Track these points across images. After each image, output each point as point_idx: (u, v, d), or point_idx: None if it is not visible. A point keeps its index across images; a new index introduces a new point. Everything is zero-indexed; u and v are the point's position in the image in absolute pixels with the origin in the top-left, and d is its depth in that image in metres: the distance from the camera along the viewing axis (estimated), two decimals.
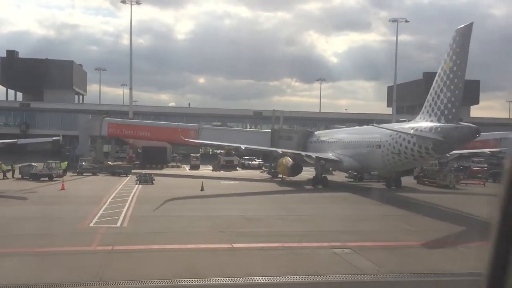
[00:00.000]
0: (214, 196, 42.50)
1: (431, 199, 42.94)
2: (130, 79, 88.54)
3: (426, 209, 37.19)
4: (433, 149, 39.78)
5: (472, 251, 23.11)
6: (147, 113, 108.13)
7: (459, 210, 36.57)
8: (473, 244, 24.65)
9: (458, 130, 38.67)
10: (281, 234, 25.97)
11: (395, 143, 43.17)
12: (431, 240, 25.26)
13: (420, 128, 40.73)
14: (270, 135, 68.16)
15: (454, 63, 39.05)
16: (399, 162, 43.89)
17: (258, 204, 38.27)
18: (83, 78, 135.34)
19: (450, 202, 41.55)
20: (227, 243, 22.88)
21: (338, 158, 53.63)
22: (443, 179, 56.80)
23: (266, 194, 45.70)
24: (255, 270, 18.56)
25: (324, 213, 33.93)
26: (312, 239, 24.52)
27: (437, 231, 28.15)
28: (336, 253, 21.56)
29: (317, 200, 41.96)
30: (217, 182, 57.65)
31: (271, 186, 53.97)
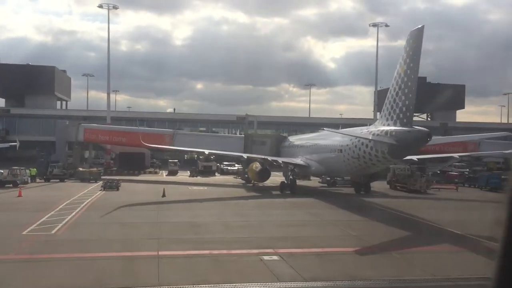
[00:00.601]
0: (172, 202, 41.94)
1: (392, 204, 42.49)
2: (108, 84, 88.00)
3: (381, 215, 36.78)
4: (389, 153, 39.40)
5: (406, 256, 22.71)
6: (130, 118, 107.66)
7: (415, 215, 36.14)
8: (408, 250, 24.32)
9: (410, 134, 38.33)
10: (218, 241, 25.45)
11: (354, 147, 42.78)
12: (367, 246, 24.76)
13: (377, 132, 40.36)
14: (244, 140, 67.61)
15: (408, 66, 38.81)
16: (359, 166, 43.49)
17: (212, 210, 37.72)
18: (67, 84, 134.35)
19: (410, 207, 41.18)
20: (154, 251, 22.30)
21: (306, 163, 53.18)
22: (413, 184, 56.52)
23: (227, 200, 45.14)
24: (168, 278, 18.04)
25: (275, 219, 33.40)
26: (246, 246, 24.00)
27: (380, 237, 27.67)
28: (263, 260, 21.07)
29: (276, 206, 41.45)
30: (186, 188, 57.16)
31: (239, 191, 53.41)
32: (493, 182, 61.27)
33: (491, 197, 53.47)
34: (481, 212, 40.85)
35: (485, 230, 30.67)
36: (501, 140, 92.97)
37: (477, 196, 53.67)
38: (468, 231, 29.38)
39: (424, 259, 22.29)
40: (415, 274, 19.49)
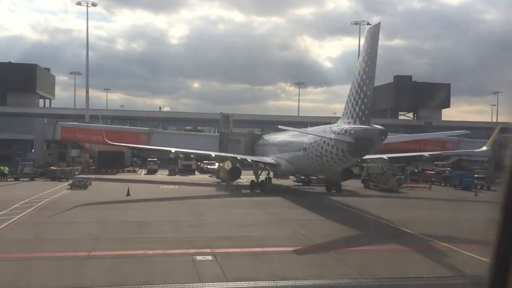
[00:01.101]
0: (133, 201, 41.46)
1: (357, 203, 42.28)
2: (86, 82, 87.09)
3: (341, 214, 36.53)
4: (348, 152, 39.13)
5: (342, 256, 22.38)
6: (114, 117, 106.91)
7: (374, 214, 35.90)
8: (347, 249, 24.05)
9: (367, 132, 38.08)
10: (159, 240, 25.07)
11: (317, 146, 42.48)
12: (309, 246, 24.42)
13: (337, 130, 40.07)
14: (219, 138, 67.17)
15: (366, 64, 38.57)
16: (322, 165, 43.18)
17: (170, 209, 37.37)
18: (50, 82, 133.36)
19: (373, 206, 41.01)
20: (86, 251, 21.85)
21: (276, 161, 52.83)
22: (385, 183, 56.34)
23: (191, 198, 44.71)
24: (86, 279, 17.64)
25: (229, 219, 33.01)
26: (185, 246, 23.59)
27: (327, 236, 27.42)
28: (194, 260, 20.70)
29: (238, 205, 41.10)
30: (157, 187, 56.72)
31: (208, 190, 53.05)
32: (466, 181, 61.34)
33: (460, 195, 53.52)
34: (440, 211, 40.91)
35: (437, 229, 30.62)
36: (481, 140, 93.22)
37: (447, 195, 53.64)
38: (420, 230, 29.17)
39: (359, 258, 22.06)
40: (342, 274, 19.12)
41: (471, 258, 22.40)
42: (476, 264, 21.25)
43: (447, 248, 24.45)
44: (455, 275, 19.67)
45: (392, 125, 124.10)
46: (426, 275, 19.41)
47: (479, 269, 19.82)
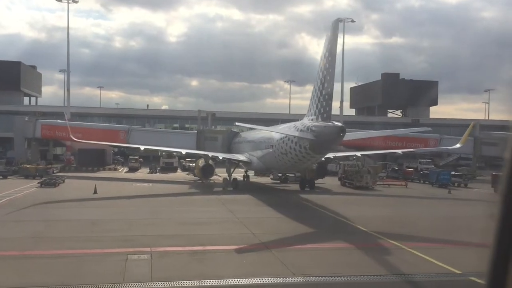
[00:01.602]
0: (98, 199, 41.13)
1: (325, 201, 42.06)
2: (67, 79, 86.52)
3: (303, 212, 36.37)
4: (310, 149, 38.84)
5: (282, 254, 22.07)
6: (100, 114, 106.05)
7: (336, 212, 35.76)
8: (290, 247, 23.74)
9: (326, 129, 37.77)
10: (100, 239, 24.69)
11: (283, 143, 42.19)
12: (252, 244, 24.07)
13: (301, 127, 39.79)
14: (196, 136, 66.79)
15: (327, 60, 38.24)
16: (288, 162, 42.87)
17: (130, 207, 37.01)
18: (36, 79, 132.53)
19: (340, 204, 40.91)
20: (20, 251, 21.49)
21: (248, 159, 52.52)
22: (359, 180, 56.15)
23: (159, 196, 44.44)
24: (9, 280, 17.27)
25: (186, 217, 32.71)
26: (126, 245, 23.17)
27: (278, 234, 27.11)
28: (127, 259, 20.33)
29: (202, 203, 40.77)
30: (130, 185, 56.31)
31: (180, 188, 52.70)
32: (443, 178, 61.25)
33: (432, 193, 53.30)
34: (404, 209, 40.72)
35: (393, 226, 30.38)
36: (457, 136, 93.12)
37: (419, 192, 53.43)
38: (375, 228, 28.96)
39: (297, 257, 21.78)
40: (273, 274, 18.77)
41: (413, 256, 22.15)
42: (415, 262, 21.05)
43: (393, 246, 24.21)
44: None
45: (379, 123, 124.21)
46: (360, 273, 19.10)
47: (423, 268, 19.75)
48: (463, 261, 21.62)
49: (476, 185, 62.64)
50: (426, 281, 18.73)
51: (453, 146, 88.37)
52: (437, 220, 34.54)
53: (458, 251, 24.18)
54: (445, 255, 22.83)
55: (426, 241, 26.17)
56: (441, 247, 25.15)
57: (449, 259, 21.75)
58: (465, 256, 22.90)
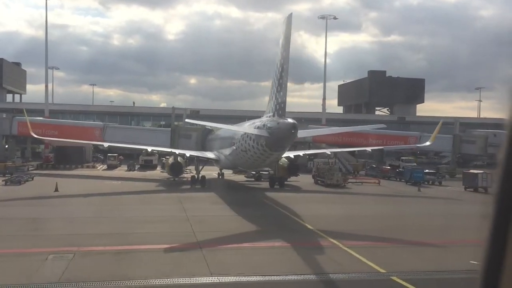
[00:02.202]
0: (55, 197, 40.66)
1: (287, 200, 41.62)
2: (45, 76, 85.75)
3: (258, 210, 35.99)
4: (267, 146, 38.34)
5: (213, 253, 21.64)
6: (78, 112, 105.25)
7: (292, 210, 35.44)
8: (223, 247, 23.35)
9: (279, 126, 37.29)
10: (31, 238, 24.19)
11: (243, 141, 41.74)
12: (186, 243, 23.60)
13: (259, 125, 39.35)
14: (170, 133, 66.26)
15: (282, 56, 37.76)
16: (249, 160, 42.39)
17: (82, 206, 36.47)
18: (20, 76, 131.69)
19: (299, 202, 40.72)
20: None
21: (217, 156, 52.05)
22: (330, 178, 55.77)
23: (121, 194, 44.04)
24: None
25: (133, 215, 32.16)
26: (55, 244, 22.70)
27: (219, 233, 26.66)
28: (47, 259, 19.88)
29: (161, 201, 40.39)
30: (101, 182, 55.87)
31: (148, 186, 52.20)
32: (416, 176, 60.96)
33: (402, 190, 52.94)
34: (362, 207, 40.32)
35: (341, 224, 29.97)
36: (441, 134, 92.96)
37: (389, 190, 53.13)
38: (322, 226, 28.64)
39: (226, 256, 21.45)
40: (192, 273, 18.32)
41: (343, 255, 21.76)
42: (341, 261, 20.64)
43: (329, 245, 23.86)
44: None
45: (365, 121, 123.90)
46: (284, 273, 18.70)
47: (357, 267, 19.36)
48: (394, 260, 21.32)
49: (452, 183, 62.38)
50: (344, 280, 18.34)
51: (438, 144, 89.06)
52: (392, 218, 34.20)
53: (395, 250, 23.81)
54: (379, 254, 22.49)
55: (367, 240, 25.80)
56: (380, 246, 24.78)
57: (380, 258, 21.41)
58: (399, 255, 22.59)
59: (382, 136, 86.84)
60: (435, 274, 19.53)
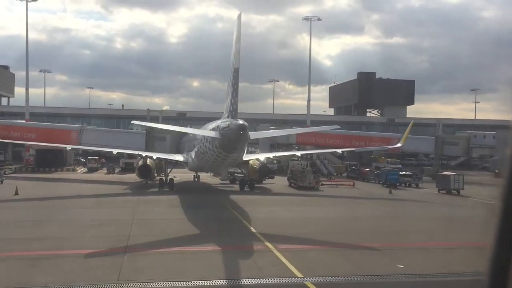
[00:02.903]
0: (9, 201, 40.00)
1: (247, 202, 41.12)
2: (26, 79, 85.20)
3: (211, 214, 35.50)
4: (220, 147, 37.69)
5: (132, 258, 21.01)
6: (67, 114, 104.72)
7: (245, 213, 34.85)
8: (150, 251, 22.69)
9: (229, 127, 36.62)
10: None
11: (201, 143, 41.16)
12: (109, 248, 22.96)
13: (214, 126, 38.73)
14: (145, 136, 65.69)
15: (235, 56, 37.19)
16: (208, 162, 41.75)
17: (37, 209, 35.92)
18: (8, 80, 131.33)
19: (258, 205, 40.12)
20: None
21: (186, 159, 51.38)
22: (302, 180, 55.12)
23: (83, 197, 43.76)
24: None
25: (79, 219, 31.55)
26: None
27: (156, 236, 25.98)
28: None
29: (118, 203, 39.94)
30: (70, 185, 55.47)
31: (117, 188, 51.71)
32: (391, 178, 60.30)
33: (373, 193, 52.15)
34: (321, 210, 39.61)
35: (285, 228, 29.27)
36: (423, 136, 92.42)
37: (360, 192, 52.33)
38: (266, 230, 28.11)
39: (146, 260, 20.92)
40: (97, 279, 17.68)
41: (268, 259, 21.14)
42: (263, 265, 20.00)
43: (262, 249, 23.30)
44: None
45: (353, 122, 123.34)
46: (194, 279, 18.04)
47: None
48: (319, 265, 20.70)
49: (431, 185, 61.56)
50: (253, 285, 17.77)
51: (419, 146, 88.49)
52: (345, 221, 33.49)
53: (326, 253, 23.17)
54: (307, 257, 22.00)
55: (305, 244, 25.31)
56: (314, 249, 24.27)
57: (306, 262, 21.01)
58: (327, 259, 21.92)
59: (365, 137, 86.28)
60: (355, 278, 18.89)
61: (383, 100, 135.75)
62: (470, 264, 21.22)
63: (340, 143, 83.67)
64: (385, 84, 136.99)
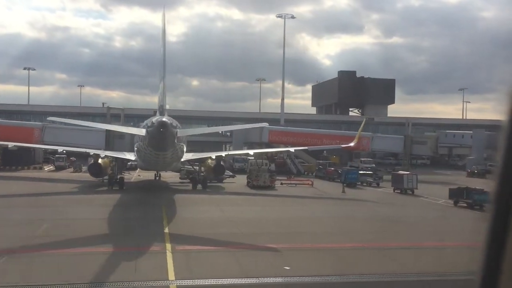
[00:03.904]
0: None
1: (185, 201, 40.73)
2: None
3: (137, 213, 34.65)
4: (149, 145, 37.00)
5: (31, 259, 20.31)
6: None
7: (174, 213, 34.30)
8: (34, 252, 22.05)
9: (153, 125, 35.96)
10: None
11: (135, 141, 40.47)
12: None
13: (143, 125, 38.09)
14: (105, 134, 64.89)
15: (162, 54, 36.52)
16: (145, 160, 41.04)
17: None
18: None
19: (196, 204, 39.56)
20: None
21: (136, 157, 50.54)
22: (256, 180, 54.48)
23: (21, 196, 42.98)
24: None
25: (13, 218, 30.92)
26: None
27: (57, 237, 25.34)
28: None
29: (52, 203, 38.93)
30: (24, 184, 54.73)
31: (64, 187, 50.86)
32: (350, 177, 59.77)
33: (327, 192, 51.34)
34: (260, 208, 39.00)
35: (205, 229, 28.58)
36: (390, 135, 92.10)
37: (313, 192, 51.68)
38: (182, 230, 27.69)
39: (30, 262, 20.37)
40: None
41: (158, 261, 20.51)
42: (142, 268, 19.38)
43: (160, 250, 22.80)
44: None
45: (334, 121, 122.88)
46: (57, 282, 17.37)
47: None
48: (205, 266, 20.19)
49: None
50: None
51: (387, 145, 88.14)
52: (272, 221, 32.80)
53: (222, 255, 22.64)
54: (199, 259, 21.46)
55: (208, 245, 24.72)
56: (213, 250, 23.75)
57: (194, 264, 20.68)
58: (221, 260, 21.35)
59: (335, 136, 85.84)
60: (225, 280, 18.31)
61: (364, 99, 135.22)
62: (351, 266, 20.78)
63: (311, 141, 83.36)
64: (365, 83, 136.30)
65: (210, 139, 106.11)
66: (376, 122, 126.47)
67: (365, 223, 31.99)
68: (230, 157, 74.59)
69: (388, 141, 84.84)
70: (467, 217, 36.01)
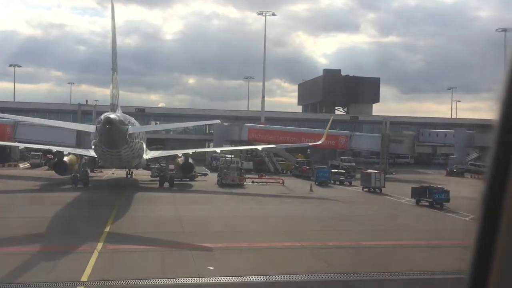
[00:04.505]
0: None
1: (142, 200, 40.15)
2: None
3: (84, 211, 34.23)
4: (100, 142, 36.31)
5: None
6: None
7: (125, 212, 33.55)
8: None
9: (101, 121, 35.31)
10: None
11: (93, 138, 39.76)
12: None
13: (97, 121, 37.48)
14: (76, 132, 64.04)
15: (113, 51, 35.87)
16: (102, 157, 40.33)
17: None
18: None
19: (151, 203, 38.93)
20: None
21: None
22: (225, 178, 53.96)
23: None
24: None
25: None
26: None
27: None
28: None
29: (6, 201, 38.18)
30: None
31: (28, 185, 49.78)
32: (321, 176, 59.38)
33: (294, 191, 50.63)
34: (217, 207, 38.47)
35: (149, 228, 28.00)
36: (368, 133, 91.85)
37: (281, 190, 51.03)
38: (129, 230, 27.20)
39: None
40: None
41: (78, 261, 19.92)
42: (57, 268, 18.77)
43: (88, 250, 22.07)
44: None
45: (317, 120, 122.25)
46: None
47: None
48: (126, 266, 19.69)
49: None
50: None
51: (364, 143, 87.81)
52: (220, 220, 32.21)
53: (150, 254, 22.06)
54: (125, 259, 21.02)
55: (142, 244, 24.23)
56: (144, 249, 23.19)
57: (116, 264, 20.26)
58: (144, 260, 20.73)
59: (314, 134, 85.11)
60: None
61: (348, 97, 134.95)
62: (276, 266, 20.29)
63: (290, 139, 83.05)
64: (350, 82, 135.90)
65: (192, 137, 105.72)
66: (360, 120, 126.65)
67: (315, 222, 31.45)
68: (209, 155, 74.17)
69: (366, 139, 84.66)
70: (423, 215, 35.67)
